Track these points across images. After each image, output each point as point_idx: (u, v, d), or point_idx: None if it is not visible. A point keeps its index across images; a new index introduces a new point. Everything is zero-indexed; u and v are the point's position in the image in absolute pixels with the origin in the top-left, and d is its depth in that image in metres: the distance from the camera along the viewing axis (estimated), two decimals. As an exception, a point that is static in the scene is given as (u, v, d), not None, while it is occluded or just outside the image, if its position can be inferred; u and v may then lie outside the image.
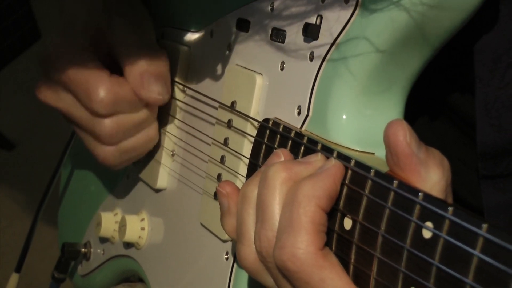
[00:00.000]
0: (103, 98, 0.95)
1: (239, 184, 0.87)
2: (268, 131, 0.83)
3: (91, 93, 0.96)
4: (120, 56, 0.99)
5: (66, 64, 0.96)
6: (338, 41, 0.78)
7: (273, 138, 0.82)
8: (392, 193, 0.67)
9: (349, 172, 0.72)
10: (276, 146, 0.81)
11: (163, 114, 1.03)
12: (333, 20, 0.78)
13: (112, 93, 0.96)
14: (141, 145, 1.01)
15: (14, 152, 1.87)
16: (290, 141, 0.79)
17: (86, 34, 1.00)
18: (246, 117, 0.87)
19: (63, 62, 0.97)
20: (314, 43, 0.80)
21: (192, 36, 1.02)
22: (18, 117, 1.83)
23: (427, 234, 0.63)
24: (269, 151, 0.82)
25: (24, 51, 1.88)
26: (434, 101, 0.94)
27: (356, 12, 0.76)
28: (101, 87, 0.96)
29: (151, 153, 1.05)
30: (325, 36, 0.79)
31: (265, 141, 0.83)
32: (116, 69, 0.99)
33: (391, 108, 0.79)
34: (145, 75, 0.97)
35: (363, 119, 0.78)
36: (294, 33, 0.83)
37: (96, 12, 1.01)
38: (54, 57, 0.98)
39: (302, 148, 0.78)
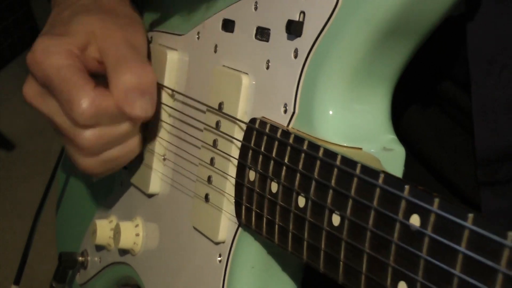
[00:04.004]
0: (85, 110, 0.94)
1: (229, 186, 0.87)
2: (254, 132, 0.82)
3: (74, 103, 0.94)
4: (108, 68, 0.97)
5: (52, 69, 0.95)
6: (321, 37, 0.77)
7: (260, 139, 0.82)
8: (378, 188, 0.66)
9: (335, 170, 0.71)
10: (262, 148, 0.81)
11: (153, 120, 1.02)
12: (315, 16, 0.78)
13: (95, 106, 0.94)
14: (122, 156, 0.99)
15: (14, 152, 1.87)
16: (276, 142, 0.79)
17: (76, 37, 0.98)
18: (233, 119, 0.87)
19: (49, 67, 0.95)
20: (298, 40, 0.80)
21: (179, 39, 1.01)
22: (18, 117, 1.83)
23: (414, 226, 0.63)
24: (257, 151, 0.82)
25: (24, 51, 1.89)
26: (428, 92, 0.94)
27: (337, 7, 0.75)
28: (84, 98, 0.94)
29: (143, 159, 1.05)
30: (308, 33, 0.78)
31: (252, 144, 0.82)
32: (103, 77, 0.98)
33: (377, 102, 0.79)
34: (130, 90, 0.95)
35: (350, 114, 0.78)
36: (278, 31, 0.83)
37: (88, 15, 0.99)
38: (42, 58, 0.96)
39: (289, 148, 0.77)
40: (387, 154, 0.77)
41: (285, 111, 0.81)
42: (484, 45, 0.81)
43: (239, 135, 0.86)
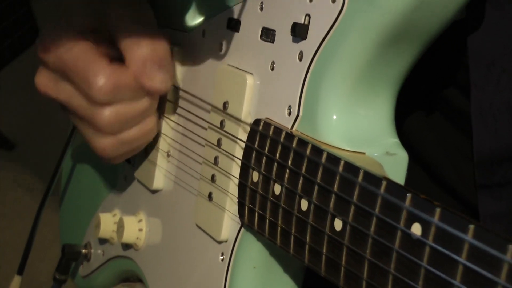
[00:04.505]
0: (103, 86, 0.92)
1: (233, 186, 0.87)
2: (258, 134, 0.83)
3: (90, 80, 0.93)
4: (121, 42, 0.95)
5: (64, 51, 0.94)
6: (326, 40, 0.77)
7: (263, 141, 0.82)
8: (380, 196, 0.67)
9: (338, 175, 0.71)
10: (266, 149, 0.81)
11: (158, 115, 1.03)
12: (321, 20, 0.78)
13: (112, 80, 0.93)
14: (141, 136, 0.98)
15: (14, 152, 1.87)
16: (280, 144, 0.79)
17: (84, 20, 0.97)
18: (237, 120, 0.87)
19: (61, 49, 0.94)
20: (303, 42, 0.80)
21: (184, 36, 1.01)
22: (18, 117, 1.83)
23: (415, 235, 0.63)
24: (261, 153, 0.82)
25: (24, 51, 1.88)
26: (429, 97, 0.94)
27: (343, 12, 0.75)
28: (101, 74, 0.93)
29: (147, 154, 1.05)
30: (314, 36, 0.79)
31: (256, 145, 0.83)
32: (117, 58, 0.96)
33: (381, 106, 0.79)
34: (148, 62, 0.93)
35: (353, 118, 0.78)
36: (283, 33, 0.83)
37: (92, 1, 0.98)
38: (52, 44, 0.95)
39: (292, 151, 0.78)
40: (390, 158, 0.77)
41: (289, 113, 0.81)
42: (484, 49, 0.81)
43: (243, 135, 0.86)
